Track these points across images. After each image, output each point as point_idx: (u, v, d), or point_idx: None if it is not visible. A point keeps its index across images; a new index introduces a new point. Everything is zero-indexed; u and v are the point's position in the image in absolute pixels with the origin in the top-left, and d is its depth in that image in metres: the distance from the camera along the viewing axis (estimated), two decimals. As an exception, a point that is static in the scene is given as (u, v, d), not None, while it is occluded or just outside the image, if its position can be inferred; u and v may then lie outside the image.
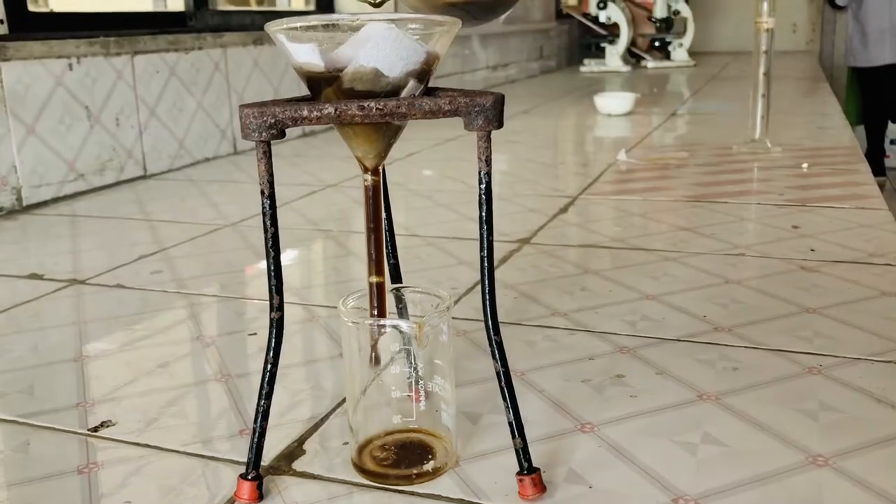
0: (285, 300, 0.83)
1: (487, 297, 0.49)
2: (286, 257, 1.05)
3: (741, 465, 0.53)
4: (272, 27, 0.47)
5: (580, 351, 0.72)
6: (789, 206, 1.23)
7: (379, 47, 0.45)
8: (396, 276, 0.61)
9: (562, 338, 0.75)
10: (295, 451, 0.57)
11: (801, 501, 0.49)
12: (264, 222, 0.47)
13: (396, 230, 0.65)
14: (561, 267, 0.96)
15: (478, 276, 0.82)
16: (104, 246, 1.12)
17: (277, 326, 0.49)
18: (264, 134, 0.45)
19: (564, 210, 1.26)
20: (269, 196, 0.47)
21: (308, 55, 0.47)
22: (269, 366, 0.49)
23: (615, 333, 0.76)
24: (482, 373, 0.68)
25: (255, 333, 0.79)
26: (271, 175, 0.47)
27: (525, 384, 0.66)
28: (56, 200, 1.43)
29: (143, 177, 1.62)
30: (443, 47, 0.48)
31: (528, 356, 0.71)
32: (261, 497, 0.51)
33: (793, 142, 1.77)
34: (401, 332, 0.51)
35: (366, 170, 0.50)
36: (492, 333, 0.49)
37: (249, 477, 0.51)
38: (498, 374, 0.49)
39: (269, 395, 0.50)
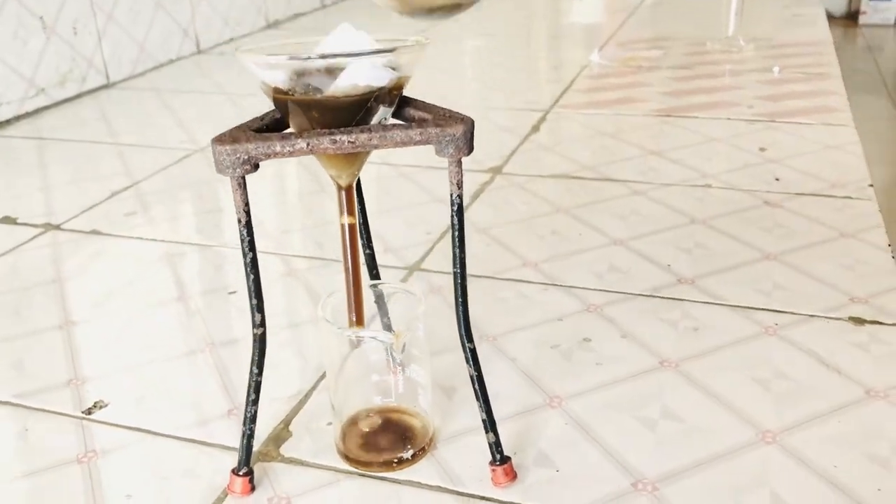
0: (261, 249, 0.85)
1: (461, 308, 0.51)
2: (255, 191, 1.05)
3: (696, 443, 0.58)
4: (243, 55, 0.47)
5: (550, 310, 0.75)
6: (758, 121, 1.24)
7: (353, 77, 0.45)
8: (372, 266, 0.62)
9: (533, 294, 0.78)
10: (282, 433, 0.61)
11: (749, 482, 0.54)
12: (243, 248, 0.48)
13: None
14: (532, 205, 0.98)
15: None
16: (75, 179, 1.12)
17: (260, 342, 0.51)
18: (238, 170, 0.46)
19: (537, 128, 1.26)
20: (246, 224, 0.48)
21: (278, 80, 0.46)
22: (254, 376, 0.52)
23: (584, 288, 0.79)
24: (456, 338, 0.71)
25: (234, 292, 0.81)
26: (247, 205, 0.47)
27: (497, 351, 0.69)
28: (19, 119, 1.40)
29: (106, 86, 1.58)
30: (411, 69, 0.48)
31: (499, 317, 0.74)
32: (253, 489, 0.55)
33: (766, 35, 1.76)
34: (380, 341, 0.54)
35: (339, 188, 0.51)
36: (465, 341, 0.52)
37: (241, 473, 0.54)
38: (472, 377, 0.52)
39: (255, 402, 0.53)
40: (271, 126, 0.49)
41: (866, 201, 0.95)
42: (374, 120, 0.48)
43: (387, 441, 0.58)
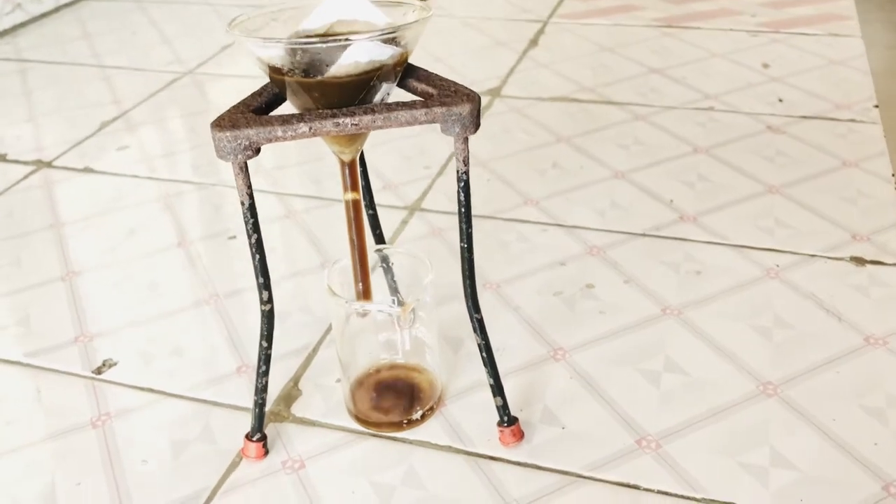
0: (257, 187, 0.84)
1: (468, 280, 0.51)
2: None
3: (698, 397, 0.59)
4: (236, 31, 0.45)
5: (552, 253, 0.75)
6: (761, 33, 1.21)
7: (355, 55, 0.43)
8: (375, 225, 0.62)
9: (534, 236, 0.78)
10: (292, 391, 0.62)
11: (750, 436, 0.56)
12: (247, 229, 0.48)
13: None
14: (533, 133, 0.96)
15: (450, 151, 0.83)
16: (61, 108, 1.09)
17: (268, 317, 0.51)
18: (240, 157, 0.44)
19: (535, 42, 1.22)
20: (250, 207, 0.47)
21: (275, 59, 0.45)
22: (263, 349, 0.52)
23: (586, 228, 0.78)
24: (458, 285, 0.71)
25: (234, 237, 0.80)
26: (250, 188, 0.46)
27: (501, 300, 0.70)
28: (-3, 38, 1.35)
29: (85, -2, 1.52)
30: (415, 42, 0.46)
31: (502, 262, 0.74)
32: (266, 452, 0.56)
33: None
34: (388, 314, 0.54)
35: (343, 163, 0.50)
36: (472, 312, 0.52)
37: (254, 439, 0.55)
38: (479, 346, 0.53)
39: (265, 373, 0.53)
40: (270, 102, 0.48)
41: (871, 125, 0.94)
42: (378, 96, 0.47)
43: (396, 400, 0.59)
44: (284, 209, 0.84)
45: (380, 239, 0.63)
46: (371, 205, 0.61)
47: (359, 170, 0.51)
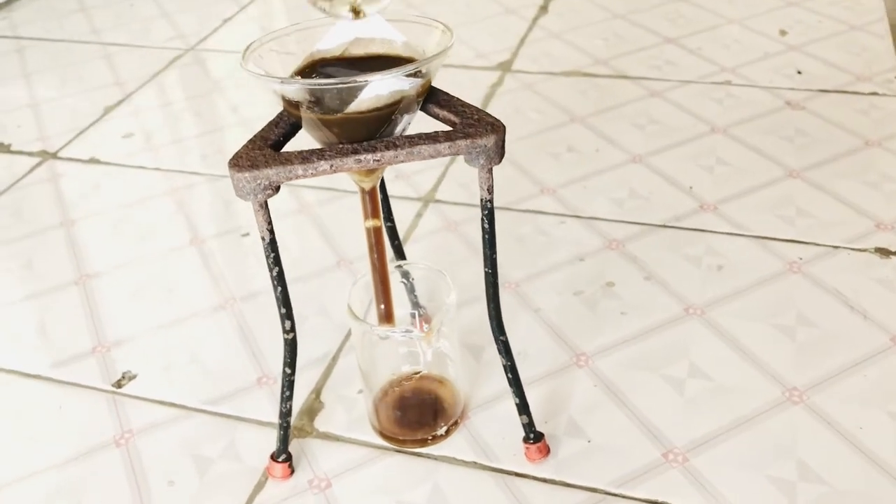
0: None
1: (492, 304, 0.50)
2: (256, 110, 1.01)
3: (723, 405, 0.58)
4: (250, 66, 0.43)
5: (571, 248, 0.74)
6: (778, -5, 1.17)
7: (377, 89, 0.42)
8: (394, 237, 0.61)
9: (552, 228, 0.76)
10: (314, 404, 0.61)
11: (777, 448, 0.55)
12: (268, 263, 0.47)
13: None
14: (546, 112, 0.94)
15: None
16: (63, 92, 1.07)
17: (291, 345, 0.50)
18: (259, 196, 0.43)
19: (545, 8, 1.19)
20: (270, 242, 0.46)
21: (292, 94, 0.43)
22: (287, 376, 0.52)
23: (604, 219, 0.77)
24: (478, 284, 0.70)
25: (247, 234, 0.79)
26: (270, 223, 0.45)
27: (521, 300, 0.69)
28: (-8, 13, 1.32)
29: (79, -34, 1.48)
30: (437, 69, 0.44)
31: (520, 259, 0.73)
32: (292, 472, 0.56)
33: None
34: (412, 339, 0.53)
35: (363, 191, 0.48)
36: (497, 335, 0.51)
37: (280, 459, 0.55)
38: (505, 367, 0.52)
39: (289, 398, 0.53)
40: (287, 133, 0.46)
41: (892, 98, 0.92)
42: (399, 128, 0.45)
43: (419, 415, 0.59)
44: (297, 203, 0.83)
45: (398, 250, 0.62)
46: (389, 217, 0.60)
47: (379, 196, 0.49)
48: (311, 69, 0.46)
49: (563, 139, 0.89)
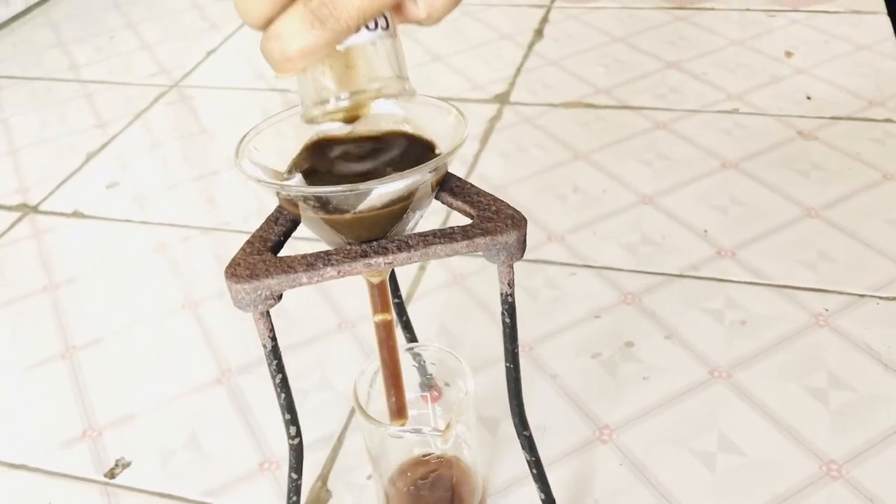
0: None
1: (514, 400, 0.47)
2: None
3: (757, 482, 0.55)
4: (246, 171, 0.39)
5: (585, 302, 0.70)
6: (779, 12, 1.14)
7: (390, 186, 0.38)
8: (402, 312, 0.57)
9: (563, 281, 0.73)
10: (321, 493, 0.58)
11: (817, 531, 0.52)
12: (271, 370, 0.43)
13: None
14: (548, 148, 0.90)
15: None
16: (43, 136, 1.02)
17: (297, 450, 0.47)
18: (260, 307, 0.39)
19: (540, 33, 1.15)
20: (272, 349, 0.42)
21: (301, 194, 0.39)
22: (293, 480, 0.48)
23: (617, 269, 0.73)
24: (490, 346, 0.66)
25: (243, 295, 0.75)
26: (272, 331, 0.41)
27: (536, 367, 0.65)
28: (-34, 50, 1.27)
29: (56, -5, 1.43)
30: (453, 157, 0.41)
31: (533, 317, 0.70)
32: (302, 573, 0.52)
33: None
34: (427, 438, 0.49)
35: (371, 285, 0.45)
36: (520, 430, 0.47)
37: (289, 561, 0.52)
38: (529, 462, 0.49)
39: (296, 503, 0.49)
40: (288, 231, 0.42)
41: (907, 124, 0.88)
42: (412, 223, 0.41)
43: (435, 499, 0.55)
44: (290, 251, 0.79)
45: (406, 326, 0.58)
46: (396, 292, 0.56)
47: (388, 287, 0.46)
48: (314, 151, 0.42)
49: (568, 178, 0.86)
